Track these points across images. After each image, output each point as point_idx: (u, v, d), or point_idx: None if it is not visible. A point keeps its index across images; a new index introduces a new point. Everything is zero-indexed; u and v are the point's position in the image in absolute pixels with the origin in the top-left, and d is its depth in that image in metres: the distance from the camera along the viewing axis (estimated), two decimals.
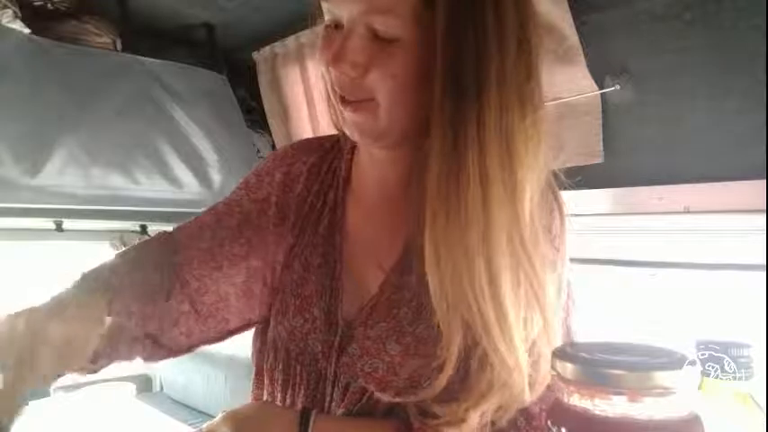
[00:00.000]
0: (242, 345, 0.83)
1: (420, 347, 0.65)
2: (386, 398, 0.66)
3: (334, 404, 0.69)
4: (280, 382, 0.74)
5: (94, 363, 0.66)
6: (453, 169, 0.56)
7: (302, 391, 0.71)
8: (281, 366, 0.73)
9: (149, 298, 0.70)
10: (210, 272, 0.73)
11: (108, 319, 0.64)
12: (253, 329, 0.81)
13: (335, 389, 0.69)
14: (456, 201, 0.56)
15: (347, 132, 0.67)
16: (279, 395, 0.74)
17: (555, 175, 0.69)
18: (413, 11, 0.56)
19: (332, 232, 0.74)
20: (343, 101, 0.63)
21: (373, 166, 0.74)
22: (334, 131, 0.76)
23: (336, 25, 0.61)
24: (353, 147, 0.77)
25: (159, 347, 0.72)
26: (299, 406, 0.71)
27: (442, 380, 0.61)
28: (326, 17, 0.62)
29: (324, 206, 0.76)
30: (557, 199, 0.71)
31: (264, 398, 0.78)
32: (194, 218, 0.79)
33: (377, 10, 0.57)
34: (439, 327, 0.61)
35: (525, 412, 0.67)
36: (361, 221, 0.75)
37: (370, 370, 0.67)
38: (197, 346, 0.76)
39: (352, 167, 0.77)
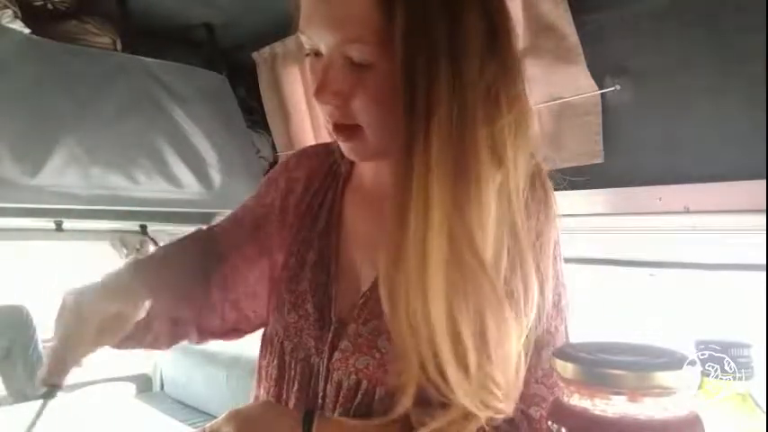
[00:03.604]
0: (243, 344, 0.84)
1: None
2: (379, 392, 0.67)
3: (328, 401, 0.70)
4: (274, 377, 0.74)
5: (126, 342, 0.70)
6: (405, 197, 0.57)
7: (295, 386, 0.72)
8: (276, 362, 0.75)
9: (193, 286, 0.76)
10: (231, 269, 0.78)
11: (147, 304, 0.69)
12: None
13: (328, 385, 0.70)
14: (401, 230, 0.57)
15: (343, 152, 0.69)
16: (273, 390, 0.75)
17: (551, 173, 0.69)
18: (378, 36, 0.57)
19: (328, 229, 0.76)
20: (335, 128, 0.65)
21: (370, 167, 0.76)
22: None
23: (316, 53, 0.62)
24: None
25: (201, 331, 0.79)
26: (293, 401, 0.72)
27: (405, 403, 0.61)
28: (306, 46, 0.63)
29: (322, 205, 0.78)
30: (545, 192, 0.70)
31: (261, 394, 0.79)
32: (222, 219, 0.85)
33: (348, 39, 0.58)
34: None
35: (524, 414, 0.67)
36: (358, 219, 0.76)
37: (362, 366, 0.68)
38: (239, 332, 0.82)
39: (352, 166, 0.79)
